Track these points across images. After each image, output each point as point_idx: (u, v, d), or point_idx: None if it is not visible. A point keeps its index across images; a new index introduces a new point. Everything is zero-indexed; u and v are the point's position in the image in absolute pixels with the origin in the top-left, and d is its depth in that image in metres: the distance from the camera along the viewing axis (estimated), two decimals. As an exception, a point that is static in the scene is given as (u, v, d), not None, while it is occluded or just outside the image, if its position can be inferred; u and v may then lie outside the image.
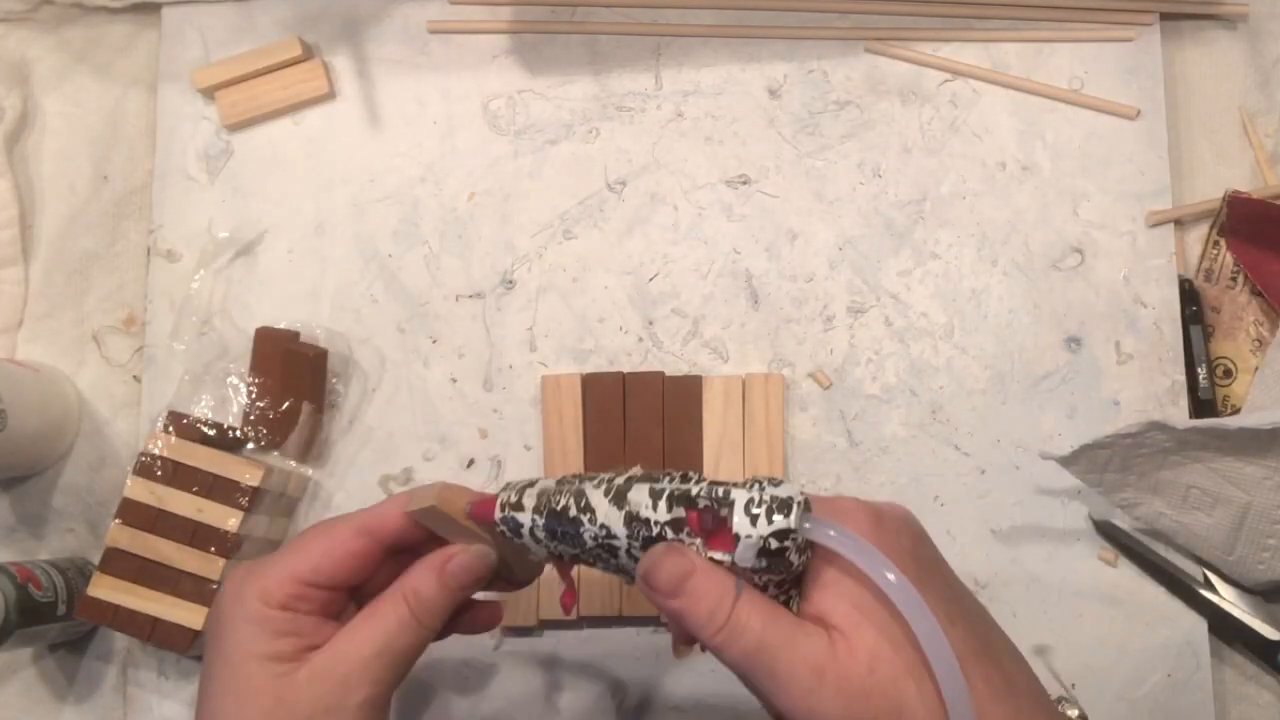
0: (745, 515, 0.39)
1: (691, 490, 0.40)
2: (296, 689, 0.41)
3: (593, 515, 0.42)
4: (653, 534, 0.40)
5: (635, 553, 0.41)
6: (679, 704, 0.62)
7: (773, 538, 0.38)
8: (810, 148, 0.67)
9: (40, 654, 0.64)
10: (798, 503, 0.39)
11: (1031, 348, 0.64)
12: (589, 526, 0.42)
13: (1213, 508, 0.59)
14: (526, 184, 0.67)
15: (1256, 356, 0.64)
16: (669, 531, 0.40)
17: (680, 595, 0.39)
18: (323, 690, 0.41)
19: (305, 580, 0.44)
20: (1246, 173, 0.67)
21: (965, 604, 0.41)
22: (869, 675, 0.37)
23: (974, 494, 0.63)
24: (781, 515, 0.38)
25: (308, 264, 0.67)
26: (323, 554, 0.44)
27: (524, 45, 0.69)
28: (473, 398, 0.65)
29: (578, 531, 0.42)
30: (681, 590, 0.39)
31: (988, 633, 0.40)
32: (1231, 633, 0.61)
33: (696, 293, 0.66)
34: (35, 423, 0.62)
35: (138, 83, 0.70)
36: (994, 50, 0.67)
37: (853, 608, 0.38)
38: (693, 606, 0.39)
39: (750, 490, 0.39)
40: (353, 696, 0.42)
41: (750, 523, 0.39)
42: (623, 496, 0.41)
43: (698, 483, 0.41)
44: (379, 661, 0.42)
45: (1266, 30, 0.67)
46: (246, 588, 0.43)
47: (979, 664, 0.38)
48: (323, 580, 0.44)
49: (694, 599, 0.39)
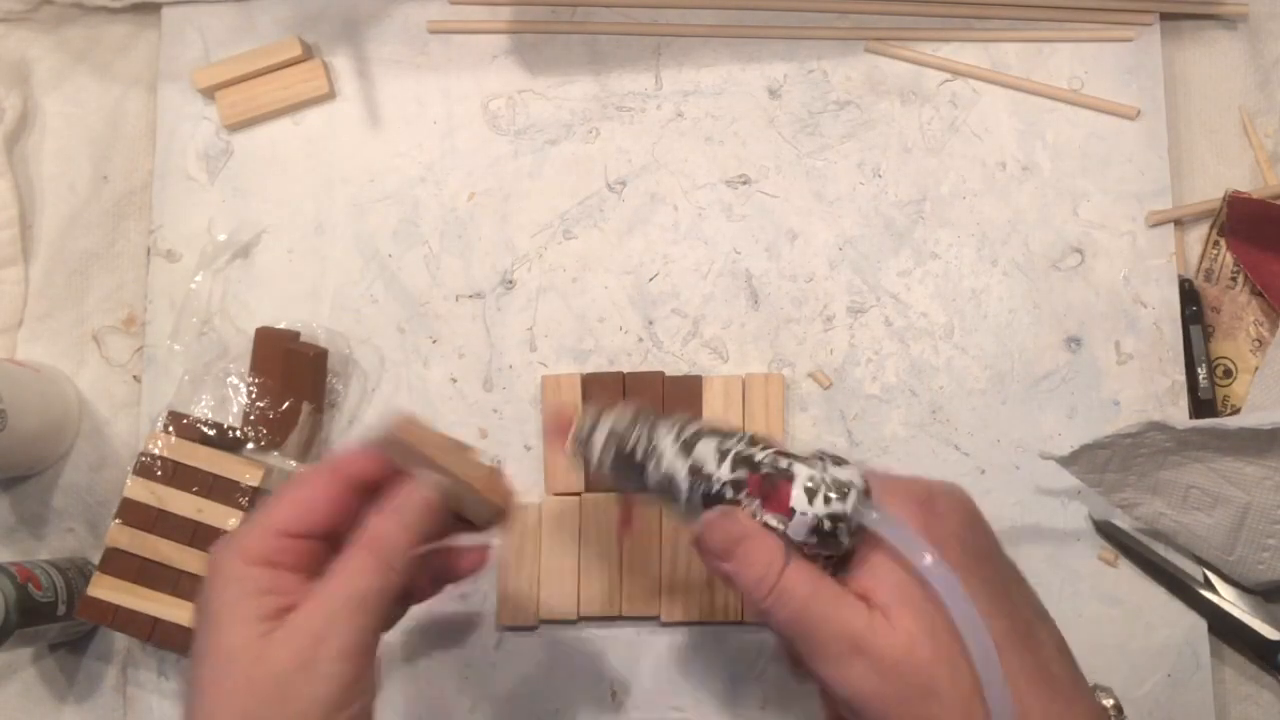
0: (803, 491, 0.40)
1: (756, 455, 0.42)
2: (273, 647, 0.41)
3: (658, 462, 0.44)
4: (713, 490, 0.42)
5: (694, 502, 0.43)
6: (679, 704, 0.62)
7: (826, 519, 0.40)
8: (810, 148, 0.67)
9: (40, 654, 0.64)
10: (856, 488, 0.40)
11: (1031, 348, 0.64)
12: (653, 472, 0.44)
13: (1213, 508, 0.59)
14: (526, 184, 0.67)
15: (1256, 356, 0.64)
16: (730, 490, 0.42)
17: (732, 559, 0.41)
18: (296, 647, 0.41)
19: (280, 531, 0.43)
20: (1246, 173, 0.67)
21: (1012, 592, 0.42)
22: (904, 656, 0.38)
23: (974, 494, 0.63)
24: (839, 499, 0.40)
25: (308, 264, 0.67)
26: (292, 502, 0.44)
27: (524, 45, 0.69)
28: (473, 398, 0.65)
29: (642, 475, 0.44)
30: (733, 554, 0.41)
31: (1032, 622, 0.41)
32: (1231, 633, 0.61)
33: (696, 293, 0.66)
34: (35, 423, 0.62)
35: (138, 83, 0.70)
36: (994, 50, 0.67)
37: (895, 588, 0.40)
38: (743, 570, 0.41)
39: (813, 467, 0.41)
40: (325, 649, 0.41)
41: (807, 499, 0.40)
42: (690, 448, 0.43)
43: (765, 449, 0.42)
44: (347, 611, 0.42)
45: (1266, 30, 0.67)
46: (228, 549, 0.43)
47: (1018, 653, 0.39)
48: (296, 528, 0.43)
49: (745, 563, 0.41)
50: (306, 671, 0.40)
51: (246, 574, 0.42)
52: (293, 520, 0.44)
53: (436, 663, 0.63)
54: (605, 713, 0.62)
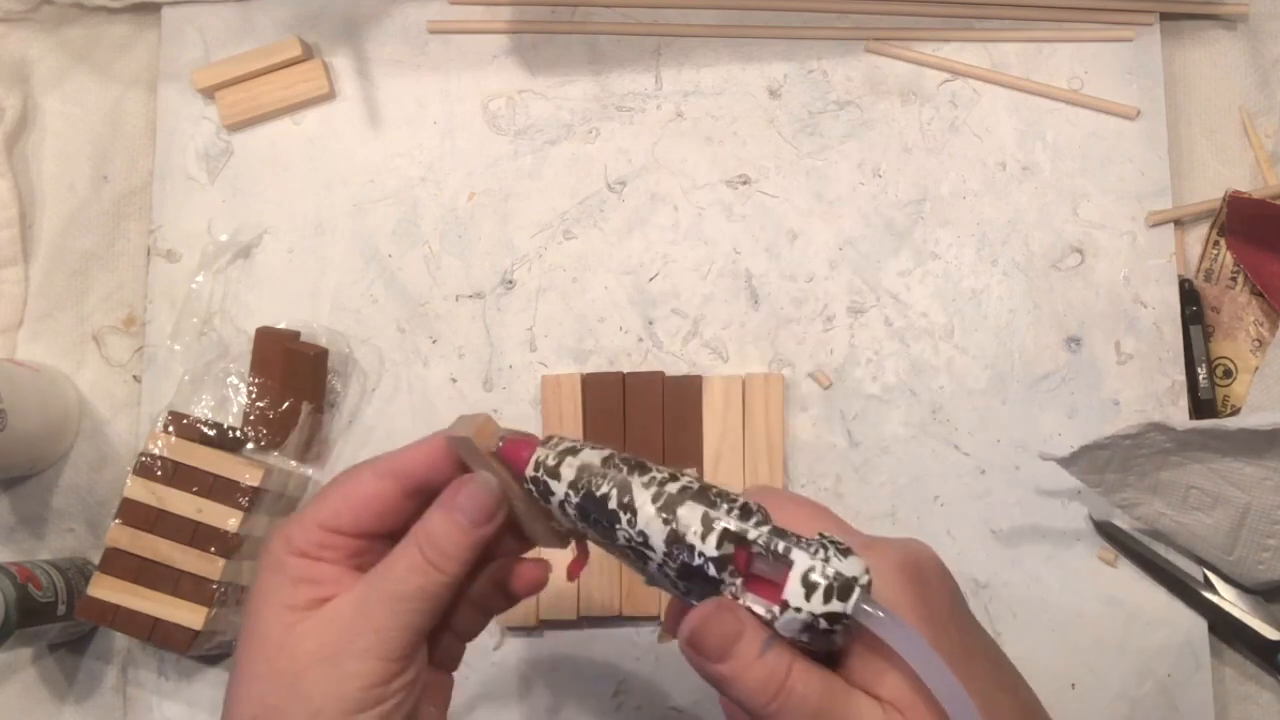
0: (801, 584, 0.35)
1: (749, 534, 0.37)
2: (298, 636, 0.39)
3: (633, 517, 0.38)
4: (694, 564, 0.37)
5: (668, 570, 0.38)
6: (679, 704, 0.62)
7: (824, 618, 0.35)
8: (810, 148, 0.67)
9: (40, 654, 0.64)
10: (860, 585, 0.35)
11: (1031, 348, 0.64)
12: (625, 528, 0.38)
13: (1213, 508, 0.59)
14: (526, 184, 0.67)
15: (1256, 356, 0.64)
16: (712, 568, 0.37)
17: (729, 659, 0.36)
18: (324, 639, 0.39)
19: (327, 526, 0.41)
20: (1246, 173, 0.67)
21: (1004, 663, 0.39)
22: None
23: (974, 494, 0.63)
24: (840, 599, 0.35)
25: (308, 264, 0.67)
26: (342, 498, 0.42)
27: (524, 45, 0.69)
28: (473, 398, 0.65)
29: (612, 526, 0.39)
30: (730, 654, 0.36)
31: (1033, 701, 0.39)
32: (1231, 633, 0.61)
33: (696, 293, 0.66)
34: (35, 423, 0.62)
35: (138, 83, 0.70)
36: (994, 50, 0.67)
37: (902, 685, 0.36)
38: (743, 673, 0.36)
39: (814, 556, 0.36)
40: (355, 644, 0.39)
41: (805, 594, 0.35)
42: (672, 510, 0.38)
43: (759, 525, 0.37)
44: (384, 606, 0.39)
45: (1266, 30, 0.67)
46: (275, 537, 0.41)
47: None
48: (345, 526, 0.41)
49: (744, 664, 0.36)
50: (329, 665, 0.39)
51: (285, 562, 0.41)
52: (340, 517, 0.41)
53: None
54: (606, 713, 0.62)
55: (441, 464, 0.43)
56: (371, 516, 0.42)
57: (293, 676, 0.39)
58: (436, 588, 0.40)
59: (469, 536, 0.41)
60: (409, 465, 0.42)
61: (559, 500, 0.40)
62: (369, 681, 0.39)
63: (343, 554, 0.41)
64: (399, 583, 0.40)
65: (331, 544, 0.41)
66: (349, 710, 0.38)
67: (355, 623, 0.39)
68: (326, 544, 0.41)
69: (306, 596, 0.40)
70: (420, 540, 0.41)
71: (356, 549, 0.42)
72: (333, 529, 0.41)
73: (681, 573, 0.38)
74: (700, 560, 0.37)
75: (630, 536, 0.38)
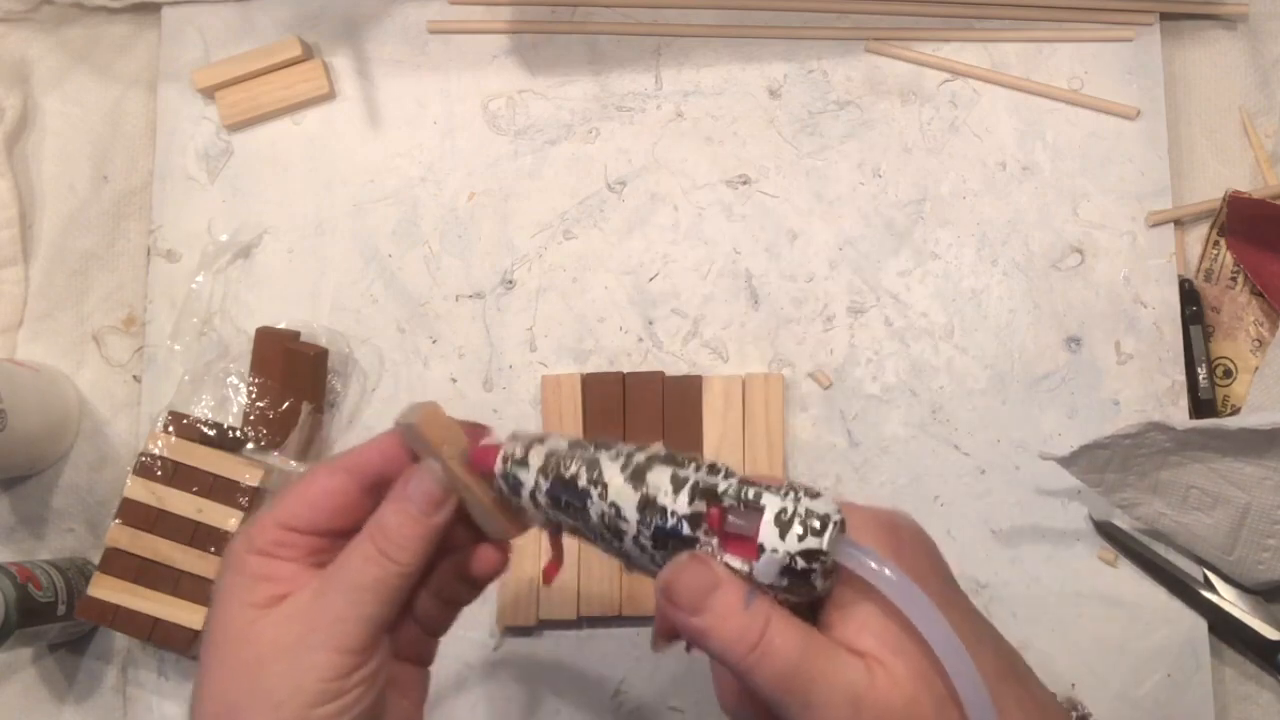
0: (774, 525, 0.35)
1: (719, 485, 0.36)
2: (259, 631, 0.40)
3: (604, 490, 0.38)
4: (667, 525, 0.37)
5: (644, 540, 0.38)
6: (679, 704, 0.62)
7: (800, 557, 0.35)
8: (810, 148, 0.67)
9: (40, 654, 0.64)
10: (834, 521, 0.35)
11: (1031, 348, 0.64)
12: (598, 502, 0.38)
13: (1213, 508, 0.59)
14: (526, 184, 0.67)
15: (1256, 356, 0.64)
16: (685, 526, 0.37)
17: (703, 612, 0.36)
18: (282, 632, 0.39)
19: (284, 525, 0.42)
20: (1246, 173, 0.67)
21: (981, 620, 0.39)
22: (909, 707, 0.35)
23: (974, 494, 0.63)
24: (814, 534, 0.35)
25: (308, 264, 0.67)
26: (298, 497, 0.42)
27: (524, 45, 0.69)
28: (473, 398, 0.65)
29: (584, 505, 0.38)
30: (704, 607, 0.36)
31: (1011, 653, 0.39)
32: (1231, 633, 0.61)
33: (696, 293, 0.66)
34: (35, 423, 0.62)
35: (138, 83, 0.70)
36: (994, 50, 0.67)
37: (883, 635, 0.36)
38: (719, 625, 0.36)
39: (784, 499, 0.36)
40: (311, 637, 0.39)
41: (779, 535, 0.35)
42: (641, 476, 0.37)
43: (727, 477, 0.37)
44: (341, 598, 0.40)
45: (1266, 30, 0.67)
46: (237, 537, 0.42)
47: (1010, 686, 0.37)
48: (301, 524, 0.42)
49: (720, 617, 0.36)
50: (288, 659, 0.39)
51: (245, 561, 0.41)
52: (297, 516, 0.42)
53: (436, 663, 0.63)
54: (605, 713, 0.62)
55: (397, 458, 0.43)
56: (327, 514, 0.42)
57: (254, 672, 0.39)
58: (392, 579, 0.41)
59: (420, 526, 0.41)
60: (363, 461, 0.43)
61: (529, 490, 0.40)
62: (328, 674, 0.39)
63: (301, 552, 0.42)
64: (355, 574, 0.40)
65: (289, 542, 0.41)
66: (309, 703, 0.39)
67: (313, 616, 0.40)
68: (284, 542, 0.41)
69: (265, 594, 0.41)
70: (373, 532, 0.41)
71: (315, 547, 0.42)
72: (290, 527, 0.42)
73: (657, 540, 0.37)
74: (674, 520, 0.37)
75: (603, 511, 0.38)
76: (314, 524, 0.42)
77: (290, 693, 0.39)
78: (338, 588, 0.40)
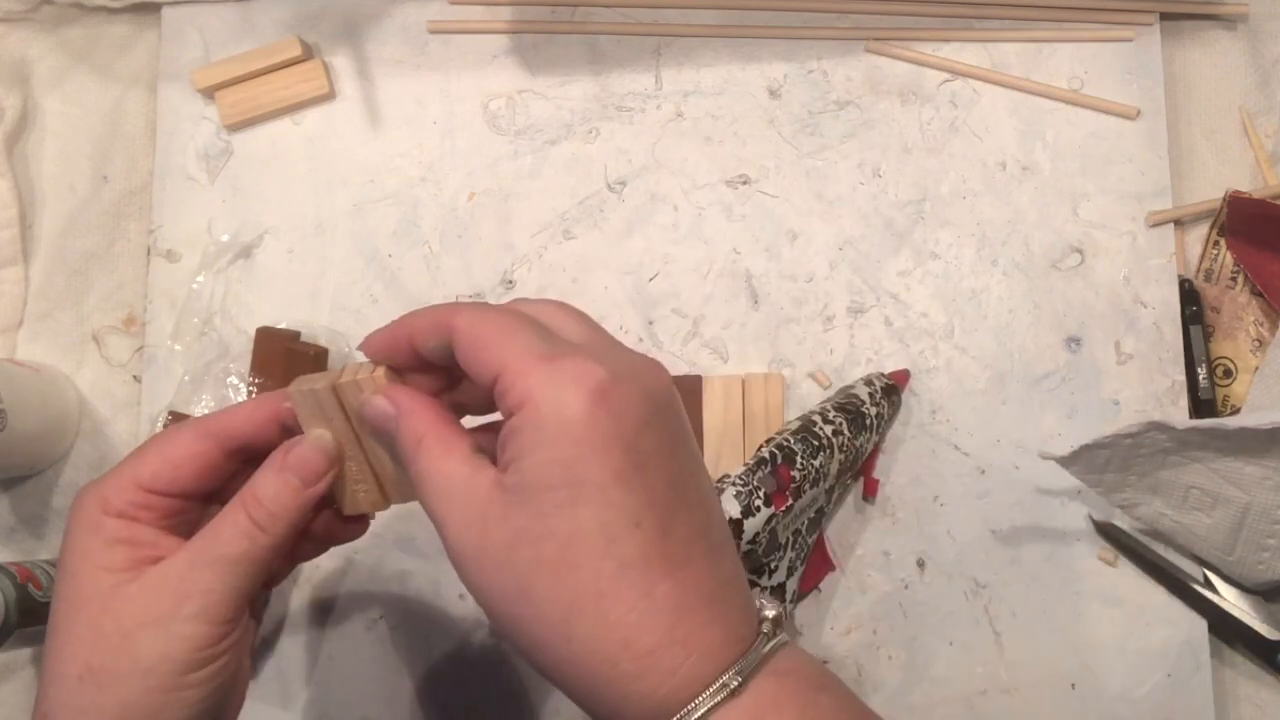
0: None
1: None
2: (124, 599, 0.39)
3: None
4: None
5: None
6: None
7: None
8: (810, 148, 0.67)
9: (40, 654, 0.64)
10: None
11: (1031, 348, 0.64)
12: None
13: (1213, 508, 0.59)
14: (526, 184, 0.67)
15: (1256, 356, 0.64)
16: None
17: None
18: (151, 601, 0.39)
19: (144, 486, 0.41)
20: (1246, 173, 0.67)
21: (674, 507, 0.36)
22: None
23: (974, 494, 0.63)
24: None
25: (308, 264, 0.67)
26: (161, 458, 0.41)
27: (524, 45, 0.69)
28: (473, 398, 0.65)
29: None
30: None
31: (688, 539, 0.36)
32: (1231, 633, 0.61)
33: (696, 293, 0.66)
34: (35, 423, 0.62)
35: (138, 83, 0.70)
36: (994, 50, 0.67)
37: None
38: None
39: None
40: (183, 608, 0.39)
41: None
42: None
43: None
44: (212, 570, 0.40)
45: (1266, 30, 0.67)
46: (87, 496, 0.41)
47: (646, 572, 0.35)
48: (162, 486, 0.41)
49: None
50: (158, 628, 0.39)
51: (101, 523, 0.41)
52: (159, 477, 0.41)
53: (436, 663, 0.63)
54: None
55: (266, 425, 0.43)
56: (190, 476, 0.42)
57: (120, 638, 0.39)
58: (262, 551, 0.40)
59: (298, 497, 0.41)
60: (231, 425, 0.42)
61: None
62: (198, 644, 0.39)
63: (160, 514, 0.41)
64: (225, 546, 0.40)
65: (149, 504, 0.41)
66: (178, 671, 0.39)
67: (182, 587, 0.40)
68: (144, 504, 0.41)
69: (125, 557, 0.40)
70: (248, 502, 0.41)
71: (174, 509, 0.42)
72: (150, 489, 0.41)
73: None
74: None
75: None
76: (176, 485, 0.41)
77: (161, 660, 0.39)
78: (208, 560, 0.40)
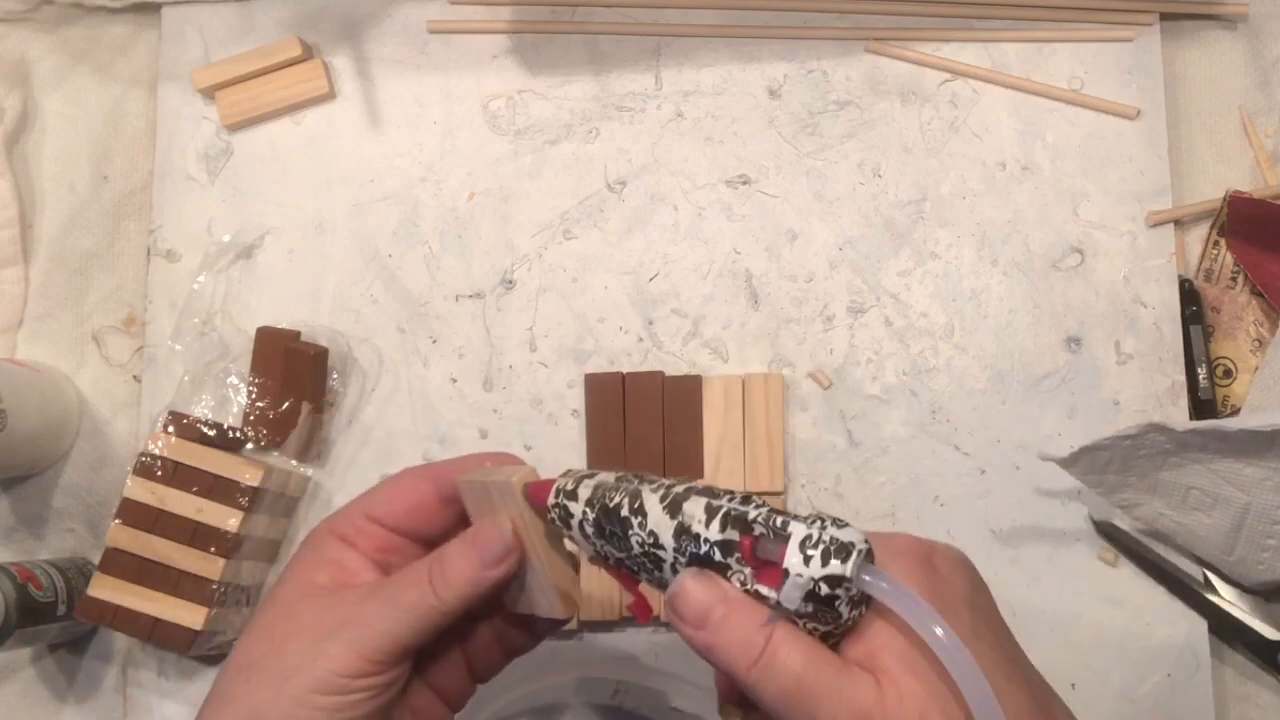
0: (799, 552, 0.36)
1: (749, 514, 0.38)
2: (304, 609, 0.41)
3: (644, 520, 0.39)
4: (700, 551, 0.38)
5: (679, 567, 0.39)
6: (679, 704, 0.62)
7: (823, 582, 0.35)
8: (810, 148, 0.67)
9: (40, 654, 0.64)
10: (858, 550, 0.36)
11: (1031, 348, 0.64)
12: (638, 531, 0.39)
13: (1212, 508, 0.59)
14: (526, 184, 0.67)
15: (1256, 356, 0.64)
16: (718, 553, 0.38)
17: (706, 626, 0.37)
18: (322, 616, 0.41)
19: (369, 515, 0.44)
20: (1246, 173, 0.67)
21: (1021, 660, 0.39)
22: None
23: (974, 494, 0.63)
24: (838, 560, 0.35)
25: (308, 264, 0.67)
26: (386, 491, 0.44)
27: (524, 45, 0.69)
28: (473, 398, 0.65)
29: (626, 534, 0.40)
30: (708, 621, 0.37)
31: (1050, 697, 0.39)
32: (1231, 633, 0.61)
33: (696, 293, 0.66)
34: (35, 423, 0.62)
35: (138, 83, 0.70)
36: (994, 50, 0.67)
37: (898, 655, 0.36)
38: (721, 639, 0.37)
39: (810, 526, 0.36)
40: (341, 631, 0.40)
41: (803, 561, 0.36)
42: (678, 506, 0.39)
43: (758, 507, 0.38)
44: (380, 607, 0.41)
45: (1266, 30, 0.67)
46: (325, 520, 0.44)
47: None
48: (381, 516, 0.44)
49: (722, 631, 0.36)
50: (311, 640, 0.40)
51: (323, 540, 0.44)
52: (375, 505, 0.44)
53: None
54: (605, 714, 0.62)
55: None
56: (404, 509, 0.44)
57: (281, 640, 0.41)
58: (430, 611, 0.41)
59: (474, 571, 0.42)
60: (449, 472, 0.45)
61: (578, 522, 0.41)
62: (337, 667, 0.40)
63: (375, 544, 0.44)
64: (401, 591, 0.42)
65: (367, 532, 0.44)
66: (312, 687, 0.40)
67: (350, 611, 0.41)
68: (364, 531, 0.44)
69: (329, 576, 0.43)
70: (434, 563, 0.42)
71: (388, 543, 0.44)
72: (370, 515, 0.44)
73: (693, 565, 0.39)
74: (706, 547, 0.38)
75: (643, 540, 0.39)
76: (393, 518, 0.44)
77: (301, 671, 0.40)
78: (382, 598, 0.42)
